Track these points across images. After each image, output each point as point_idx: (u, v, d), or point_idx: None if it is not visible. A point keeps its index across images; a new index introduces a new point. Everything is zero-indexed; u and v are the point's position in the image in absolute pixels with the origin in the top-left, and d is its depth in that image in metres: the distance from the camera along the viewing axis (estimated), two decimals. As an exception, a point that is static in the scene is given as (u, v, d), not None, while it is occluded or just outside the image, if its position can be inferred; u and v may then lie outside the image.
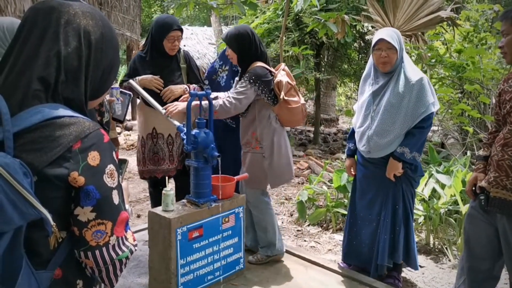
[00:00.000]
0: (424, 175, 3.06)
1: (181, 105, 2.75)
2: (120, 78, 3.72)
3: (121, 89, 2.96)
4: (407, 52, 5.80)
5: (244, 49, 2.93)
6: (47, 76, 0.96)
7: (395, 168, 2.68)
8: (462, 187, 3.60)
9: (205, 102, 2.71)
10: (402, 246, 2.80)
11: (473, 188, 2.33)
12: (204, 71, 13.84)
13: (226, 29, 11.34)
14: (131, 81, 3.05)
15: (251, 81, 2.84)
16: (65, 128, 0.93)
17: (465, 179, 3.73)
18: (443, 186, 3.79)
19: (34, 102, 0.94)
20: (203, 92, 2.62)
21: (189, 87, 3.16)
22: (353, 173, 2.99)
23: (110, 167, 0.98)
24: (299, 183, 5.44)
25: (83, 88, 1.01)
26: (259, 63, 2.94)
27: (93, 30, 1.01)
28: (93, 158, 0.95)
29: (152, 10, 25.20)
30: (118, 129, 8.87)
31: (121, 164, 1.34)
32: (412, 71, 2.66)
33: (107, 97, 2.75)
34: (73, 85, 0.99)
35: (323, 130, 9.23)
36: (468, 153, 4.98)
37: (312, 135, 8.38)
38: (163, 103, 2.97)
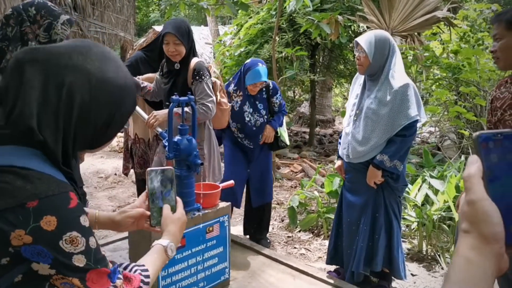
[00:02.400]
0: (407, 184, 2.98)
1: (160, 115, 2.69)
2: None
3: None
4: (402, 53, 5.72)
5: (192, 43, 2.89)
6: (31, 128, 0.88)
7: (374, 176, 2.61)
8: (456, 192, 3.52)
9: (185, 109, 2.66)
10: (381, 254, 2.73)
11: None
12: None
13: (224, 29, 11.26)
14: None
15: (208, 77, 2.85)
16: (28, 181, 0.84)
17: (459, 184, 3.64)
18: (436, 192, 3.71)
19: (18, 142, 0.89)
20: (186, 98, 2.52)
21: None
22: (343, 174, 2.92)
23: (71, 234, 0.87)
24: (292, 187, 5.35)
25: (60, 146, 0.91)
26: (198, 59, 2.93)
27: (79, 89, 0.91)
28: (48, 222, 0.85)
29: (150, 9, 25.11)
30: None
31: (164, 173, 1.19)
32: (398, 79, 2.56)
33: None
34: (51, 142, 0.90)
35: (319, 131, 9.14)
36: (463, 157, 4.89)
37: (307, 137, 8.28)
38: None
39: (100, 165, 6.57)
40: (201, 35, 14.49)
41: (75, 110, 0.91)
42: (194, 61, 2.87)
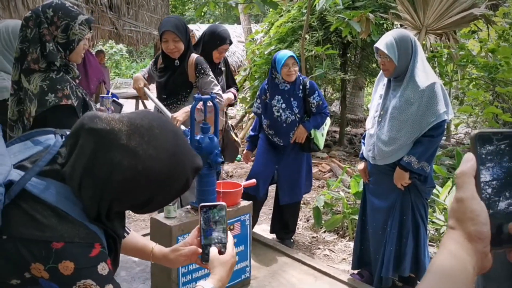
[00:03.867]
0: (435, 186, 2.87)
1: (182, 116, 2.78)
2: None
3: (113, 99, 2.89)
4: (436, 52, 5.56)
5: (189, 39, 2.96)
6: (74, 187, 0.95)
7: (402, 178, 2.53)
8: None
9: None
10: (409, 258, 2.66)
11: None
12: (233, 69, 13.87)
13: (256, 27, 11.27)
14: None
15: (210, 69, 2.97)
16: (62, 222, 0.90)
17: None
18: (467, 195, 3.58)
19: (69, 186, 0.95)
20: (208, 96, 2.54)
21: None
22: (366, 177, 2.86)
23: (85, 281, 0.91)
24: (319, 187, 5.29)
25: (95, 208, 0.95)
26: (196, 55, 3.00)
27: (123, 171, 0.93)
28: (66, 267, 0.89)
29: (186, 8, 25.41)
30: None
31: (216, 209, 1.19)
32: (424, 76, 2.48)
33: (98, 105, 2.63)
34: (86, 203, 0.94)
35: (350, 130, 9.00)
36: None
37: (337, 136, 8.18)
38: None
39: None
40: (234, 33, 14.56)
41: (114, 187, 0.94)
42: (193, 57, 2.96)
